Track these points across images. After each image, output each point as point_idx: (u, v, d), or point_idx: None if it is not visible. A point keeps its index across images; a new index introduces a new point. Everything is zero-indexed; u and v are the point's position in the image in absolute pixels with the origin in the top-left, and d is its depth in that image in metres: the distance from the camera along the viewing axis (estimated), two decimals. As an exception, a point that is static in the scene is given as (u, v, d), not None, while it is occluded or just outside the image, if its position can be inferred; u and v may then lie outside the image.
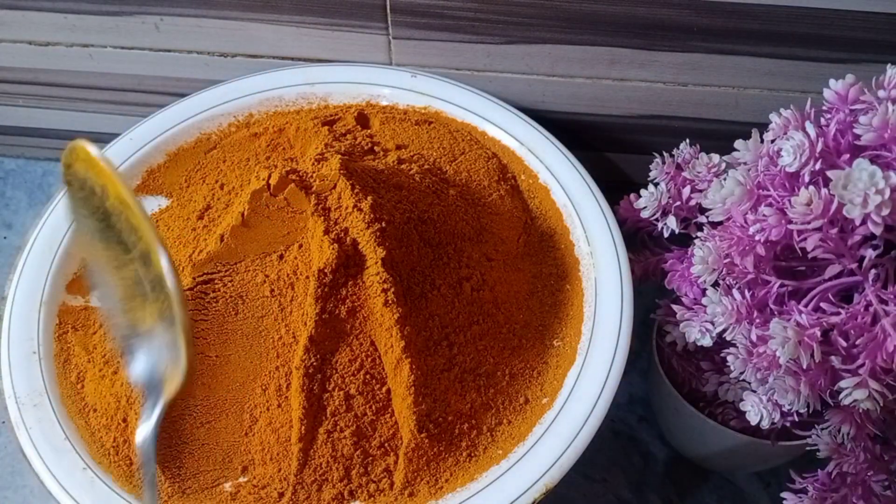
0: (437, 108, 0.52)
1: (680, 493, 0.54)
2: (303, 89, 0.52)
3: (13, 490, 0.52)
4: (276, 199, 0.38)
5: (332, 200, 0.38)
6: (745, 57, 0.49)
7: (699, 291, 0.42)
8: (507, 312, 0.41)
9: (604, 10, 0.47)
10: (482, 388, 0.38)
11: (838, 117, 0.34)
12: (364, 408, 0.36)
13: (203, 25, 0.53)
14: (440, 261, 0.39)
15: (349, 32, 0.52)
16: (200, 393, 0.37)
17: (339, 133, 0.46)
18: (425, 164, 0.45)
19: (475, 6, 0.49)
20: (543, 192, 0.47)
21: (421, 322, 0.37)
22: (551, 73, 0.53)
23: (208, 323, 0.38)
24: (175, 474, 0.36)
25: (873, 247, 0.33)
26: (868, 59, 0.48)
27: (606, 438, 0.56)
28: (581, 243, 0.45)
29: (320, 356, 0.36)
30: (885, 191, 0.29)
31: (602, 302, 0.42)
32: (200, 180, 0.46)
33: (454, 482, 0.36)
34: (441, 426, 0.36)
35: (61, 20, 0.54)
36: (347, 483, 0.36)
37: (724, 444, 0.47)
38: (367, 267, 0.37)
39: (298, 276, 0.38)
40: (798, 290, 0.35)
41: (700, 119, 0.55)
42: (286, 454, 0.36)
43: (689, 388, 0.47)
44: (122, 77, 0.58)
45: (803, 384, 0.34)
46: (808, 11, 0.45)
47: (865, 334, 0.32)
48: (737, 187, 0.35)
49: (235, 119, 0.51)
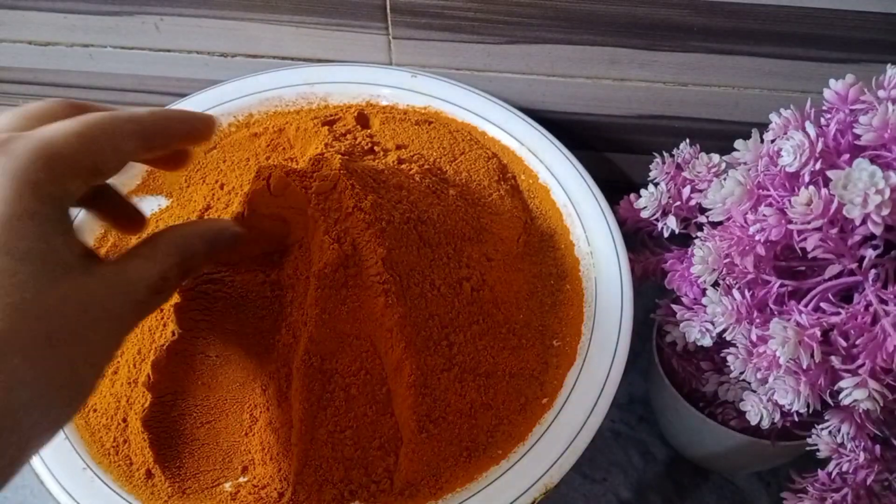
0: (437, 108, 0.52)
1: (680, 493, 0.54)
2: (303, 89, 0.52)
3: (12, 490, 0.52)
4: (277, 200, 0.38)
5: (332, 200, 0.38)
6: (745, 57, 0.49)
7: (699, 291, 0.42)
8: (507, 312, 0.41)
9: (604, 10, 0.47)
10: (482, 388, 0.38)
11: (838, 117, 0.34)
12: (364, 408, 0.36)
13: (203, 25, 0.53)
14: (440, 261, 0.39)
15: (349, 32, 0.52)
16: (200, 393, 0.37)
17: (339, 133, 0.46)
18: (425, 164, 0.45)
19: (475, 6, 0.49)
20: (543, 192, 0.47)
21: (421, 322, 0.37)
22: (551, 73, 0.53)
23: (208, 323, 0.38)
24: (175, 474, 0.36)
25: (873, 247, 0.33)
26: (868, 59, 0.48)
27: (606, 438, 0.56)
28: (581, 243, 0.45)
29: (320, 356, 0.36)
30: (885, 191, 0.29)
31: (602, 302, 0.42)
32: (200, 180, 0.46)
33: (454, 482, 0.36)
34: (441, 426, 0.36)
35: (61, 20, 0.54)
36: (347, 483, 0.36)
37: (724, 444, 0.47)
38: (367, 267, 0.37)
39: (298, 276, 0.38)
40: (798, 290, 0.35)
41: (700, 119, 0.55)
42: (286, 454, 0.36)
43: (689, 388, 0.47)
44: (122, 77, 0.58)
45: (803, 384, 0.34)
46: (808, 11, 0.45)
47: (865, 334, 0.32)
48: (737, 187, 0.35)
49: (235, 119, 0.51)
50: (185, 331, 0.37)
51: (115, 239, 0.45)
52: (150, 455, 0.36)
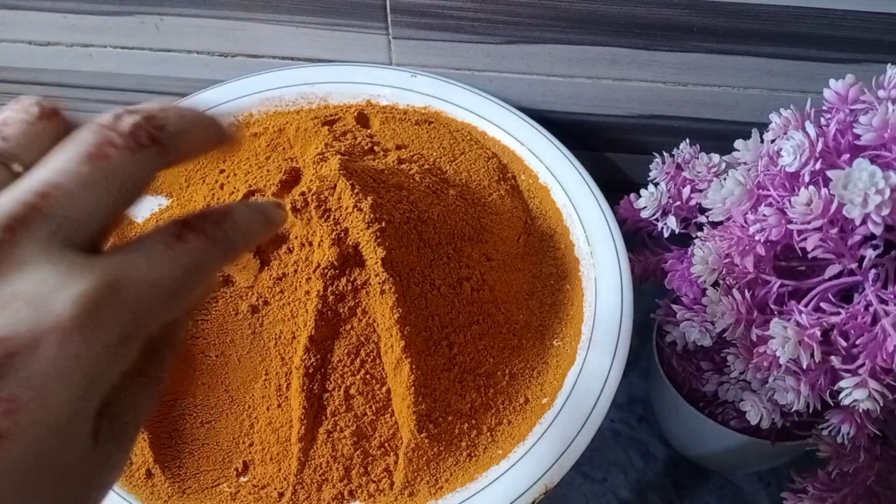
0: (437, 108, 0.52)
1: (680, 493, 0.54)
2: (303, 89, 0.52)
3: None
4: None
5: (333, 201, 0.38)
6: (745, 57, 0.49)
7: (699, 291, 0.42)
8: (507, 312, 0.41)
9: (604, 10, 0.47)
10: (482, 388, 0.38)
11: (838, 117, 0.34)
12: (364, 408, 0.36)
13: (203, 25, 0.53)
14: (440, 261, 0.39)
15: (349, 32, 0.52)
16: (200, 393, 0.37)
17: (339, 133, 0.46)
18: (425, 164, 0.45)
19: (475, 6, 0.49)
20: (543, 192, 0.47)
21: (421, 322, 0.37)
22: (551, 73, 0.53)
23: (208, 323, 0.38)
24: (175, 474, 0.36)
25: (873, 247, 0.33)
26: (868, 59, 0.48)
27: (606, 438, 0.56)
28: (581, 243, 0.45)
29: (320, 356, 0.36)
30: (885, 191, 0.29)
31: (602, 302, 0.42)
32: (200, 180, 0.46)
33: (454, 482, 0.36)
34: (441, 426, 0.36)
35: (61, 20, 0.54)
36: (347, 483, 0.36)
37: (724, 444, 0.47)
38: (367, 267, 0.37)
39: (299, 275, 0.38)
40: (798, 290, 0.35)
41: (700, 119, 0.55)
42: (286, 454, 0.36)
43: (689, 388, 0.47)
44: (122, 77, 0.58)
45: (803, 384, 0.34)
46: (808, 11, 0.45)
47: (865, 334, 0.32)
48: (737, 187, 0.35)
49: (235, 119, 0.51)
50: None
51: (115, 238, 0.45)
52: (149, 455, 0.36)
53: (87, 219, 0.17)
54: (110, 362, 0.16)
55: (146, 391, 0.19)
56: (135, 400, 0.19)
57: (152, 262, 0.17)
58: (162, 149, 0.18)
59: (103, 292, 0.16)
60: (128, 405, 0.19)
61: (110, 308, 0.16)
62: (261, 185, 0.41)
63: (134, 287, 0.16)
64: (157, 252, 0.17)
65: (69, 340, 0.15)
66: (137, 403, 0.19)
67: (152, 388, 0.20)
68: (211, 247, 0.18)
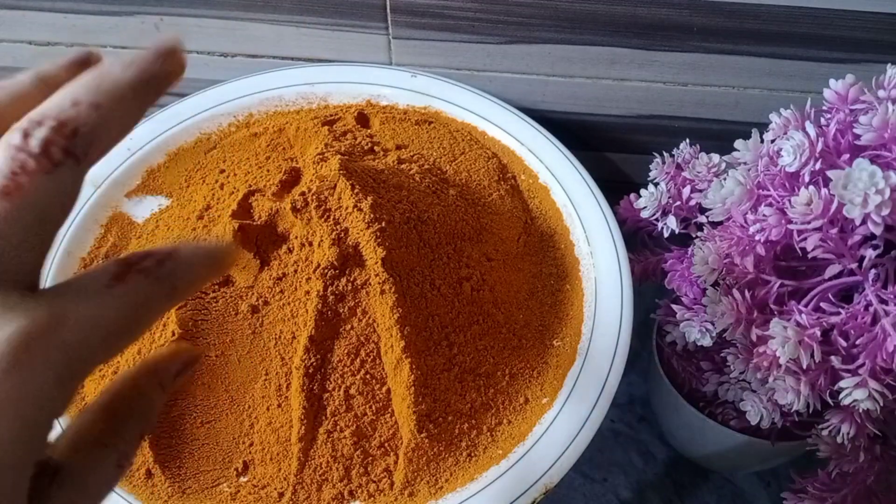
0: (437, 108, 0.52)
1: (680, 493, 0.54)
2: (303, 89, 0.52)
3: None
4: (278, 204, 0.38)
5: (333, 200, 0.38)
6: (745, 57, 0.49)
7: (699, 291, 0.42)
8: (507, 312, 0.41)
9: (604, 10, 0.47)
10: (482, 388, 0.38)
11: (838, 117, 0.34)
12: (364, 408, 0.36)
13: (203, 25, 0.53)
14: (440, 261, 0.39)
15: (349, 32, 0.52)
16: (200, 393, 0.37)
17: (339, 133, 0.46)
18: (425, 164, 0.45)
19: (475, 6, 0.49)
20: (543, 192, 0.47)
21: (421, 322, 0.37)
22: (551, 73, 0.53)
23: (208, 323, 0.38)
24: (175, 474, 0.36)
25: (873, 247, 0.33)
26: (868, 59, 0.48)
27: (606, 438, 0.56)
28: (581, 243, 0.45)
29: (320, 356, 0.36)
30: (885, 191, 0.29)
31: (602, 302, 0.42)
32: (200, 180, 0.46)
33: (454, 482, 0.36)
34: (441, 426, 0.36)
35: (61, 20, 0.54)
36: (347, 483, 0.36)
37: (724, 444, 0.47)
38: (367, 267, 0.37)
39: (298, 275, 0.38)
40: (798, 290, 0.35)
41: (700, 119, 0.55)
42: (286, 454, 0.36)
43: (689, 388, 0.47)
44: (122, 77, 0.58)
45: (803, 384, 0.34)
46: (808, 11, 0.45)
47: (865, 334, 0.32)
48: (737, 187, 0.35)
49: (235, 119, 0.51)
50: (184, 331, 0.37)
51: (115, 238, 0.45)
52: (149, 455, 0.36)
53: (15, 257, 0.16)
54: (47, 405, 0.15)
55: (106, 462, 0.18)
56: (90, 471, 0.18)
57: (91, 302, 0.16)
58: (78, 159, 0.17)
59: (37, 332, 0.15)
60: (80, 474, 0.18)
61: (44, 348, 0.15)
62: (261, 185, 0.41)
63: (71, 327, 0.16)
64: (97, 291, 0.17)
65: (1, 382, 0.14)
66: (96, 475, 0.18)
67: (112, 460, 0.19)
68: (153, 286, 0.18)
